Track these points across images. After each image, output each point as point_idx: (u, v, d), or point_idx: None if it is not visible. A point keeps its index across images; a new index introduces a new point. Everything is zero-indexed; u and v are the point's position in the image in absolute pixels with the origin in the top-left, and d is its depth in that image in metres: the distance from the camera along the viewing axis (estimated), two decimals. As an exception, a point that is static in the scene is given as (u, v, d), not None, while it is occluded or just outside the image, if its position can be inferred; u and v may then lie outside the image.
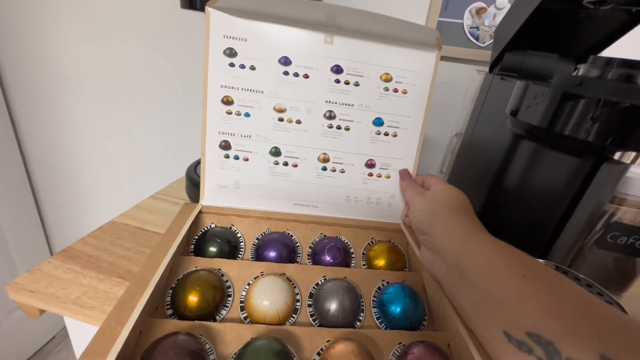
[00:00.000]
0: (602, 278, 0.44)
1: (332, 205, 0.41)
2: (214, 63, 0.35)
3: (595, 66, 0.30)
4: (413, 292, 0.32)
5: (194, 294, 0.28)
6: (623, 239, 0.41)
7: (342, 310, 0.30)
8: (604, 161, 0.31)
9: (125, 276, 0.36)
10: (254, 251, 0.37)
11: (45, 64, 0.90)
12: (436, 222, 0.29)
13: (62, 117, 0.96)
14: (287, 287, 0.31)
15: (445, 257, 0.27)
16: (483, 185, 0.42)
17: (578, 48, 0.42)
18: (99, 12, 0.80)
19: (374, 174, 0.41)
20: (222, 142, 0.38)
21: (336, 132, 0.39)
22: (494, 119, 0.43)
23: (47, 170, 1.08)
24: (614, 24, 0.37)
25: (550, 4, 0.35)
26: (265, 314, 0.29)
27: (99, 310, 0.31)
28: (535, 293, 0.19)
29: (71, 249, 0.39)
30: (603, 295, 0.30)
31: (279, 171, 0.39)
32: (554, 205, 0.35)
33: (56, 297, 0.32)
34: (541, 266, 0.22)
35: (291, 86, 0.37)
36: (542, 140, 0.34)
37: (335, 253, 0.36)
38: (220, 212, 0.38)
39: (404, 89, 0.38)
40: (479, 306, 0.23)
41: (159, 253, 0.30)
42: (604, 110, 0.27)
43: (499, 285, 0.21)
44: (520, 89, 0.33)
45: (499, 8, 0.60)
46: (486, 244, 0.24)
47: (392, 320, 0.30)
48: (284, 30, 0.35)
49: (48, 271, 0.35)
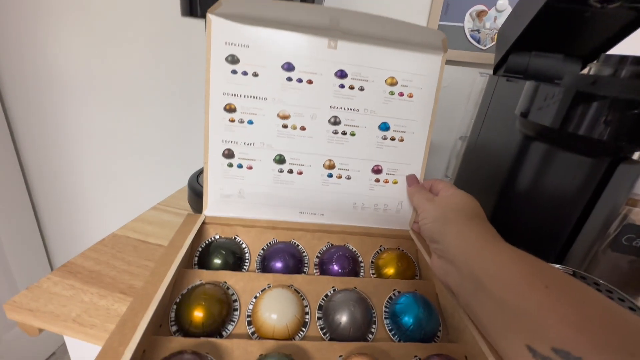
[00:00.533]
0: (618, 282, 0.43)
1: (339, 213, 0.40)
2: (216, 70, 0.35)
3: (608, 64, 0.29)
4: (426, 302, 0.31)
5: (200, 309, 0.27)
6: (638, 242, 0.40)
7: (353, 322, 0.28)
8: (620, 161, 0.30)
9: (127, 291, 0.35)
10: (260, 262, 0.35)
11: (46, 74, 0.90)
12: (448, 229, 0.28)
13: (61, 126, 0.96)
14: (296, 299, 0.30)
15: (460, 266, 0.26)
16: (493, 189, 0.41)
17: (584, 48, 0.41)
18: (101, 21, 0.80)
19: (381, 180, 0.40)
20: (225, 150, 0.37)
21: (341, 137, 0.38)
22: (501, 121, 0.42)
23: (47, 181, 1.07)
24: (620, 22, 0.37)
25: (556, 4, 0.34)
26: (273, 329, 0.27)
27: (101, 328, 0.30)
28: (559, 305, 0.18)
29: (71, 264, 0.38)
30: (625, 301, 0.29)
31: (284, 179, 0.38)
32: (569, 208, 0.34)
33: (55, 316, 0.31)
34: (563, 276, 0.20)
35: (295, 92, 0.36)
36: (555, 141, 0.33)
37: (343, 262, 0.35)
38: (224, 222, 0.37)
39: (409, 92, 0.37)
40: (498, 318, 0.22)
41: (162, 267, 0.29)
42: (619, 109, 0.26)
43: (519, 296, 0.20)
44: (530, 89, 0.32)
45: (499, 10, 0.60)
46: (502, 253, 0.23)
47: (405, 332, 0.29)
48: (286, 36, 0.35)
49: (47, 288, 0.34)
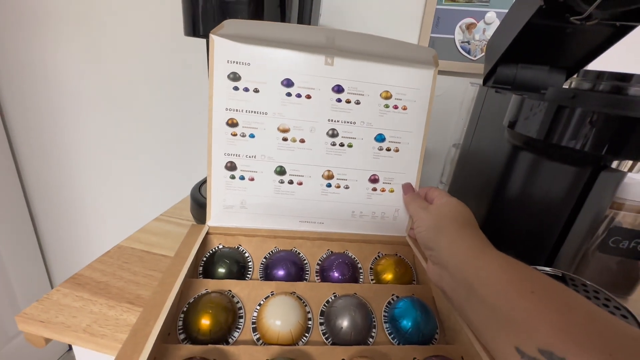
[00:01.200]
0: (608, 282, 0.45)
1: (338, 221, 0.42)
2: (219, 87, 0.36)
3: (586, 79, 0.32)
4: (423, 306, 0.32)
5: (207, 317, 0.28)
6: (625, 243, 0.42)
7: (354, 327, 0.30)
8: (601, 170, 0.32)
9: (135, 301, 0.36)
10: (263, 270, 0.37)
11: (45, 82, 0.91)
12: (442, 238, 0.29)
13: (60, 135, 0.97)
14: (299, 305, 0.31)
15: (453, 273, 0.27)
16: (485, 196, 0.42)
17: (568, 60, 0.44)
18: (104, 36, 0.82)
19: (378, 189, 0.41)
20: (228, 163, 0.38)
21: (339, 149, 0.40)
22: (491, 130, 0.44)
23: (45, 190, 1.07)
24: (600, 37, 0.39)
25: (539, 20, 0.36)
26: (278, 334, 0.29)
27: (111, 338, 0.31)
28: (545, 310, 0.20)
29: (79, 276, 0.39)
30: (611, 300, 0.31)
31: (285, 189, 0.40)
32: (556, 213, 0.36)
33: (66, 327, 0.32)
34: (549, 281, 0.22)
35: (294, 107, 0.38)
36: (540, 151, 0.35)
37: (343, 269, 0.37)
38: (227, 232, 0.39)
39: (403, 105, 0.39)
40: (489, 322, 0.23)
41: (169, 277, 0.30)
42: (597, 122, 0.28)
43: (507, 301, 0.22)
44: (517, 102, 0.34)
45: (488, 23, 0.62)
46: (493, 260, 0.25)
47: (404, 335, 0.31)
48: (285, 54, 0.36)
49: (57, 299, 0.35)
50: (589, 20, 0.34)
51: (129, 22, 0.79)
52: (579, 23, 0.35)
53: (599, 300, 0.31)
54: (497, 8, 0.61)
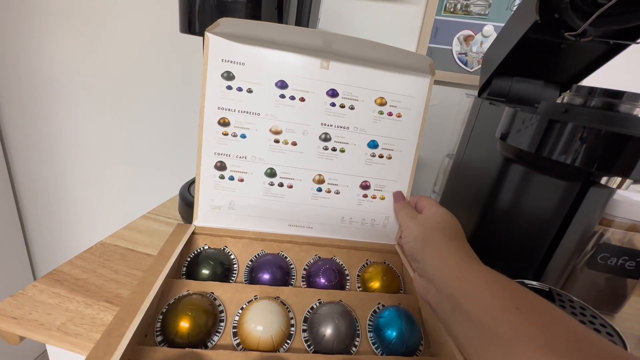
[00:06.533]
0: (595, 299, 0.45)
1: (327, 226, 0.41)
2: (212, 85, 0.36)
3: (578, 95, 0.32)
4: (409, 316, 0.32)
5: (186, 320, 0.27)
6: (613, 260, 0.42)
7: (337, 335, 0.29)
8: (591, 185, 0.32)
9: (114, 300, 0.35)
10: (248, 273, 0.36)
11: (38, 80, 0.90)
12: (428, 250, 0.29)
13: (52, 132, 0.96)
14: (282, 311, 0.30)
15: (439, 286, 0.27)
16: (475, 207, 0.42)
17: (562, 75, 0.44)
18: (97, 30, 0.81)
19: (369, 196, 0.41)
20: (218, 162, 0.38)
21: (331, 154, 0.39)
22: (484, 141, 0.44)
23: (34, 187, 1.06)
24: (594, 54, 0.39)
25: (534, 35, 0.37)
26: (259, 340, 0.28)
27: (85, 337, 0.30)
28: (528, 327, 0.19)
29: (58, 272, 0.38)
30: (597, 318, 0.31)
31: (274, 192, 0.39)
32: (545, 227, 0.35)
33: (40, 324, 0.30)
34: (534, 297, 0.22)
35: (287, 109, 0.37)
36: (531, 164, 0.35)
37: (330, 275, 0.36)
38: (214, 233, 0.38)
39: (398, 112, 0.39)
40: (474, 337, 0.23)
41: (150, 277, 0.29)
42: (588, 137, 0.28)
43: (491, 317, 0.21)
44: (509, 114, 0.34)
45: (485, 36, 0.63)
46: (478, 275, 0.24)
47: (388, 346, 0.30)
48: (281, 55, 0.36)
49: (33, 295, 0.34)
50: (583, 37, 0.34)
51: (120, 20, 0.78)
52: (574, 39, 0.35)
53: (585, 317, 0.31)
54: (494, 22, 0.62)
